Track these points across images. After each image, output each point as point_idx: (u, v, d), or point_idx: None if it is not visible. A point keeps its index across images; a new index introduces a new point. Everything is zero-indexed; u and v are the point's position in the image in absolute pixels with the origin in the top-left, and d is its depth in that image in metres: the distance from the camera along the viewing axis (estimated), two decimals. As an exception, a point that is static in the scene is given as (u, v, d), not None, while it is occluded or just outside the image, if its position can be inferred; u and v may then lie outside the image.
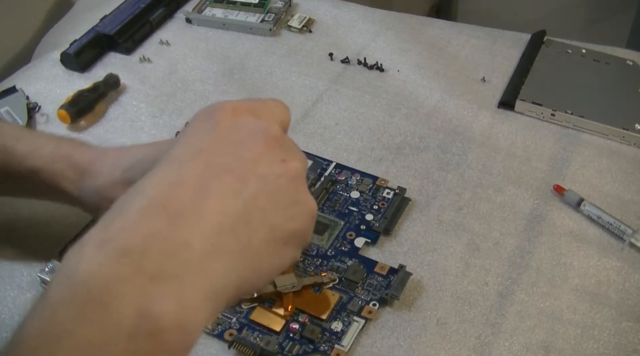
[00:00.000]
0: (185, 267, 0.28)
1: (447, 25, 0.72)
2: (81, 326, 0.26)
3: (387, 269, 0.47)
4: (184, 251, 0.29)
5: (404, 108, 0.61)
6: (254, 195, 0.31)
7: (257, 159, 0.32)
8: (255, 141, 0.33)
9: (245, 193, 0.31)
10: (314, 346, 0.42)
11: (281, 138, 0.34)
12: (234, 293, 0.31)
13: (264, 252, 0.32)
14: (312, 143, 0.58)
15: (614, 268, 0.48)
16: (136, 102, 0.62)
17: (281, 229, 0.33)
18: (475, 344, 0.43)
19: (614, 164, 0.55)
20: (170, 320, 0.27)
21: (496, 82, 0.64)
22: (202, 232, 0.29)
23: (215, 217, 0.30)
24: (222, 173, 0.31)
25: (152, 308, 0.27)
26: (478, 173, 0.55)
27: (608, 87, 0.62)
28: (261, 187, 0.32)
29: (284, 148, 0.34)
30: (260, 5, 0.71)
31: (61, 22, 0.75)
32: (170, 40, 0.69)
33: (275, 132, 0.34)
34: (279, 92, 0.63)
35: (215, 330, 0.43)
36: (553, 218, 0.51)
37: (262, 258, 0.32)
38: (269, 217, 0.32)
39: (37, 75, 0.65)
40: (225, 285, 0.30)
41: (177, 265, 0.28)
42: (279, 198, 0.33)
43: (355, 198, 0.52)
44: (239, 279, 0.30)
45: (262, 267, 0.32)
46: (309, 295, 0.45)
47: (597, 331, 0.44)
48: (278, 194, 0.33)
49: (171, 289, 0.28)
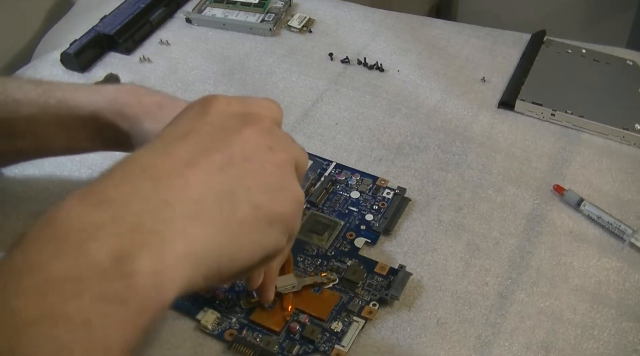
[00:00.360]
0: (165, 225, 0.29)
1: (447, 25, 0.72)
2: (53, 261, 0.26)
3: (387, 269, 0.47)
4: (165, 210, 0.29)
5: (404, 108, 0.61)
6: (240, 174, 0.32)
7: (244, 144, 0.33)
8: (244, 128, 0.34)
9: (232, 171, 0.32)
10: (314, 347, 0.42)
11: (271, 128, 0.35)
12: (213, 264, 0.30)
13: (246, 228, 0.32)
14: (312, 143, 0.58)
15: (614, 268, 0.48)
16: (136, 102, 0.62)
17: (265, 209, 0.33)
18: (475, 344, 0.43)
19: (614, 164, 0.55)
20: (145, 267, 0.27)
21: (496, 82, 0.64)
22: (185, 197, 0.30)
23: (199, 186, 0.31)
24: (210, 151, 0.32)
25: (128, 254, 0.27)
26: (478, 173, 0.55)
27: (608, 87, 0.62)
28: (248, 168, 0.33)
29: (273, 138, 0.35)
30: (260, 5, 0.71)
31: (61, 22, 0.75)
32: (170, 40, 0.69)
33: (265, 122, 0.35)
34: (279, 92, 0.63)
35: (215, 330, 0.43)
36: (553, 218, 0.51)
37: (244, 234, 0.32)
38: (253, 196, 0.32)
39: (37, 75, 0.65)
40: (205, 253, 0.30)
41: (157, 222, 0.28)
42: (264, 181, 0.33)
43: (355, 198, 0.52)
44: (219, 249, 0.30)
45: (243, 243, 0.32)
46: (309, 295, 0.45)
47: (597, 331, 0.44)
48: (264, 177, 0.33)
49: (149, 240, 0.28)
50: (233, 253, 0.32)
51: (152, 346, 0.43)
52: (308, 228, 0.49)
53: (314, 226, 0.49)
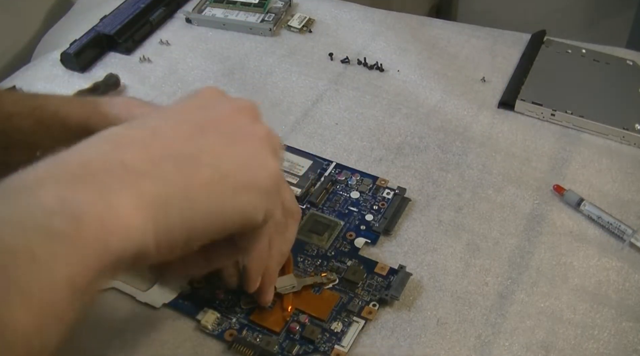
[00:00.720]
0: (117, 179, 0.29)
1: (447, 25, 0.72)
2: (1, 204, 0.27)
3: (387, 269, 0.47)
4: (119, 168, 0.30)
5: (404, 108, 0.61)
6: (211, 143, 0.33)
7: (221, 120, 0.35)
8: (223, 106, 0.36)
9: (201, 139, 0.33)
10: (313, 347, 0.42)
11: (252, 109, 0.37)
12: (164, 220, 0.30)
13: (206, 192, 0.32)
14: (312, 143, 0.58)
15: (614, 268, 0.48)
16: (136, 102, 0.62)
17: (235, 177, 0.33)
18: (475, 344, 0.43)
19: (614, 164, 0.55)
20: (92, 210, 0.27)
21: (496, 82, 0.64)
22: (143, 157, 0.31)
23: (159, 150, 0.32)
24: (183, 123, 0.34)
25: (75, 198, 0.27)
26: (478, 173, 0.55)
27: (608, 87, 0.62)
28: (219, 140, 0.34)
29: (253, 115, 0.36)
30: (260, 5, 0.71)
31: (61, 22, 0.75)
32: (170, 40, 0.69)
33: (246, 104, 0.37)
34: (279, 92, 0.63)
35: (215, 331, 0.43)
36: (553, 218, 0.51)
37: (202, 196, 0.32)
38: (220, 164, 0.33)
39: (37, 75, 0.65)
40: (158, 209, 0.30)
41: (109, 177, 0.29)
42: (237, 151, 0.34)
43: (355, 198, 0.52)
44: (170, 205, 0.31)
45: (200, 205, 0.32)
46: (309, 296, 0.45)
47: (597, 331, 0.44)
48: (237, 148, 0.34)
49: (99, 190, 0.28)
50: (187, 212, 0.31)
51: (152, 346, 0.43)
52: (308, 229, 0.49)
53: (314, 226, 0.49)
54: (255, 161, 0.34)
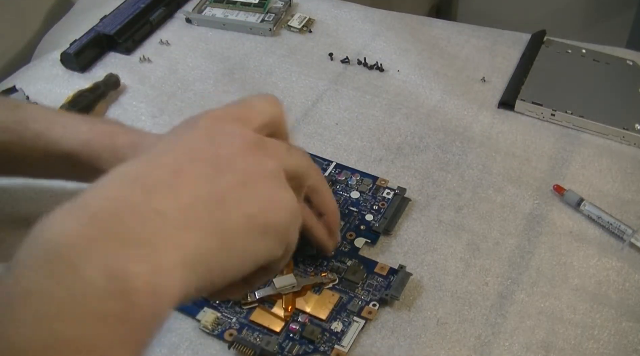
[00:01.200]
0: (158, 233, 0.28)
1: (447, 25, 0.72)
2: (47, 285, 0.25)
3: (387, 269, 0.47)
4: (156, 219, 0.29)
5: (404, 108, 0.61)
6: (229, 184, 0.32)
7: (231, 158, 0.33)
8: (232, 142, 0.34)
9: (220, 181, 0.32)
10: (314, 347, 0.43)
11: (258, 141, 0.35)
12: (206, 272, 0.30)
13: (239, 237, 0.32)
14: (312, 143, 0.58)
15: (614, 268, 0.48)
16: (136, 102, 0.62)
17: (257, 219, 0.33)
18: (475, 344, 0.43)
19: (614, 164, 0.55)
20: (141, 282, 0.26)
21: (496, 82, 0.64)
22: (176, 204, 0.30)
23: (189, 194, 0.31)
24: (198, 161, 0.32)
25: (123, 270, 0.26)
26: (478, 173, 0.55)
27: (608, 87, 0.62)
28: (236, 179, 0.33)
29: (260, 149, 0.35)
30: (260, 5, 0.71)
31: (61, 22, 0.75)
32: (170, 40, 0.69)
33: (251, 136, 0.35)
34: (279, 92, 0.63)
35: (215, 330, 0.44)
36: (553, 218, 0.51)
37: (236, 242, 0.32)
38: (244, 206, 0.32)
39: (37, 75, 0.65)
40: (198, 260, 0.30)
41: (149, 231, 0.28)
42: (254, 191, 0.33)
43: (355, 198, 0.52)
44: (211, 256, 0.30)
45: (235, 251, 0.32)
46: (309, 295, 0.45)
47: (597, 331, 0.44)
48: (254, 188, 0.33)
49: (142, 252, 0.27)
50: (225, 260, 0.31)
51: (152, 346, 0.43)
52: (308, 228, 0.49)
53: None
54: (273, 202, 0.34)
